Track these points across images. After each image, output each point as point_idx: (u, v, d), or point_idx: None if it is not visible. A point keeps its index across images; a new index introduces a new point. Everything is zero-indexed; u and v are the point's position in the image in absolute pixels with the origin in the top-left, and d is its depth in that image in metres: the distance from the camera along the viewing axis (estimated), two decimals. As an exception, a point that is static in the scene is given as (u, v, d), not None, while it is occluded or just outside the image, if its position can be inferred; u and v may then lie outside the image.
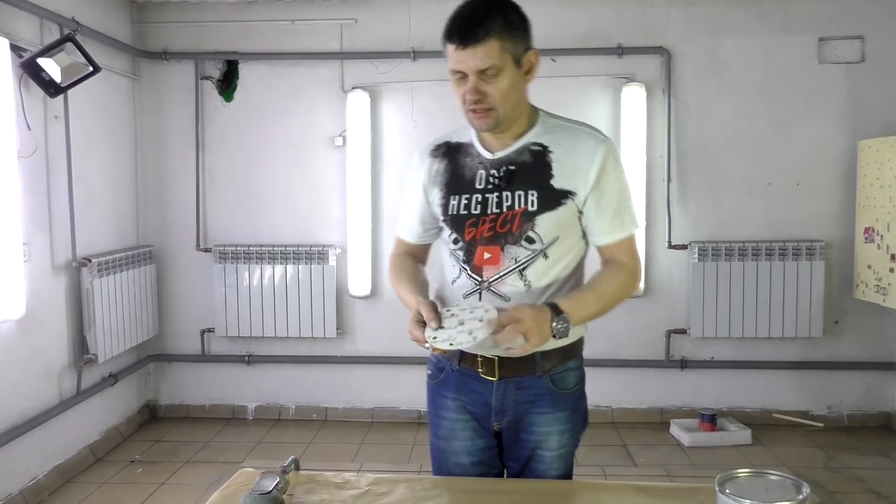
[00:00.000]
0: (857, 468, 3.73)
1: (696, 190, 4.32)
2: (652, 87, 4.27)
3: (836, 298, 4.29)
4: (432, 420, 1.84)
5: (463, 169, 1.71)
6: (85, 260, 3.75)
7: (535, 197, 1.62)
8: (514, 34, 1.57)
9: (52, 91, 3.40)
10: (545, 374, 1.69)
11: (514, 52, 1.57)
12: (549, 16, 4.25)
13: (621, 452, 3.96)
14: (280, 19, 4.35)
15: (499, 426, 1.73)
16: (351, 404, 4.52)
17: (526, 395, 1.69)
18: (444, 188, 1.73)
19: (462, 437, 1.77)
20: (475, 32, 1.53)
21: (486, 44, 1.53)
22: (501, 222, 1.64)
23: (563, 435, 1.72)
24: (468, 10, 1.56)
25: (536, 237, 1.62)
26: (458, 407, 1.76)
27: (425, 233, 1.84)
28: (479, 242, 1.65)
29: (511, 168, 1.65)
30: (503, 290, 1.64)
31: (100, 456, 3.91)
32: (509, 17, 1.56)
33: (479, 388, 1.72)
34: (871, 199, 3.97)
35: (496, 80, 1.56)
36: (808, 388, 4.37)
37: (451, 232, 1.71)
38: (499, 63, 1.55)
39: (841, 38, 4.21)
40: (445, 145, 1.78)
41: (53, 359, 3.59)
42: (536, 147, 1.66)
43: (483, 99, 1.57)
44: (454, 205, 1.69)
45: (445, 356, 1.76)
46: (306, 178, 4.45)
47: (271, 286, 4.37)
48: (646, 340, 4.40)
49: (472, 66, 1.55)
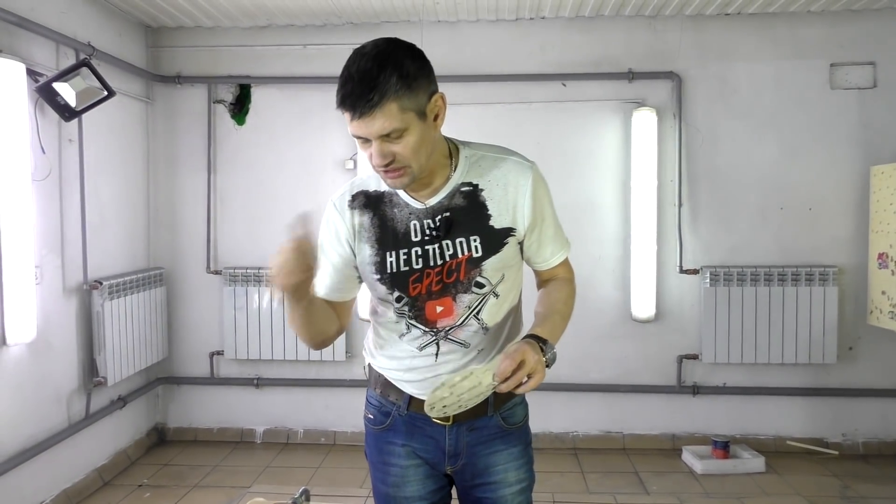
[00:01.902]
0: (874, 498, 3.66)
1: (708, 214, 4.31)
2: (663, 111, 4.27)
3: (849, 324, 4.24)
4: (377, 467, 1.77)
5: (393, 222, 1.59)
6: (96, 282, 3.75)
7: (478, 242, 1.56)
8: (411, 88, 1.40)
9: (66, 115, 3.43)
10: (496, 413, 1.67)
11: (416, 106, 1.42)
12: (560, 40, 4.28)
13: (633, 479, 3.91)
14: (292, 44, 4.40)
15: (452, 469, 1.70)
16: (360, 428, 4.47)
17: (479, 437, 1.67)
18: (375, 244, 1.61)
19: (414, 481, 1.71)
20: (369, 99, 1.37)
21: (383, 108, 1.38)
22: (447, 272, 1.57)
23: (521, 469, 1.70)
24: (357, 72, 1.39)
25: (485, 281, 1.58)
26: (409, 452, 1.71)
27: (343, 288, 1.69)
28: (428, 297, 1.58)
29: (447, 215, 1.56)
30: (461, 336, 1.61)
31: (108, 480, 3.89)
32: (404, 69, 1.39)
33: (431, 432, 1.67)
34: (884, 224, 3.94)
35: (402, 140, 1.43)
36: (822, 416, 4.31)
37: (393, 290, 1.60)
38: (400, 125, 1.40)
39: (852, 64, 4.21)
40: (363, 195, 1.64)
41: (63, 382, 3.59)
42: (467, 188, 1.57)
43: (392, 161, 1.45)
44: (392, 262, 1.58)
45: (390, 400, 1.72)
46: (317, 201, 4.43)
47: (280, 309, 4.37)
48: (657, 366, 4.36)
49: (371, 132, 1.41)
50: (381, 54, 1.40)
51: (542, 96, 4.28)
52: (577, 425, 4.36)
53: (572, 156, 4.32)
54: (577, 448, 4.30)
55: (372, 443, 1.79)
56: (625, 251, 4.32)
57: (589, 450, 4.23)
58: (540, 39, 4.31)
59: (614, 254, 4.32)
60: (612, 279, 4.36)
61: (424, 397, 1.55)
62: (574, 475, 3.95)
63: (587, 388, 4.27)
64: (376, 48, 1.42)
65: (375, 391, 1.78)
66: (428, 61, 1.48)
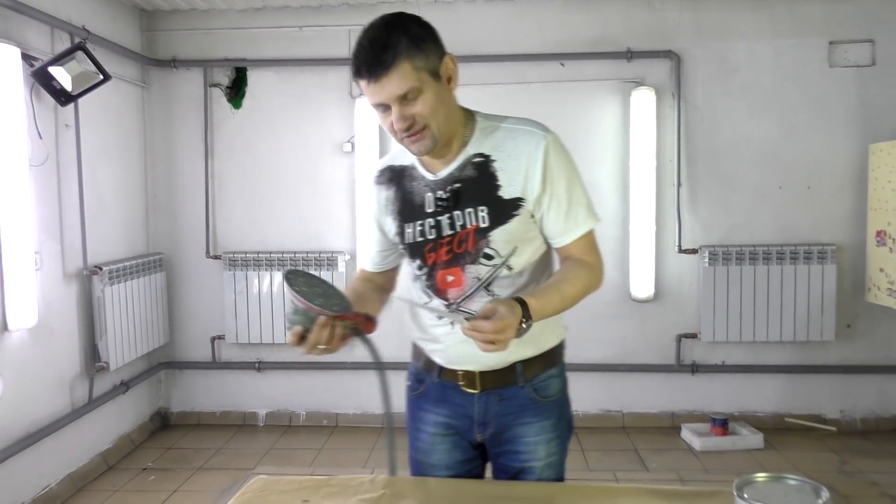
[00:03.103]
0: (872, 472, 3.70)
1: (707, 194, 4.31)
2: (662, 91, 4.26)
3: (847, 302, 4.26)
4: (410, 433, 1.80)
5: (411, 194, 1.65)
6: (96, 268, 3.76)
7: (486, 213, 1.57)
8: (422, 48, 1.46)
9: (62, 100, 3.42)
10: (527, 384, 1.67)
11: (429, 65, 1.48)
12: (558, 20, 4.26)
13: (633, 457, 3.94)
14: (288, 26, 4.37)
15: (481, 437, 1.71)
16: (361, 410, 4.52)
17: (509, 407, 1.67)
18: (396, 217, 1.68)
19: (440, 450, 1.74)
20: (382, 60, 1.43)
21: (397, 68, 1.43)
22: (457, 243, 1.59)
23: (551, 443, 1.70)
24: (368, 38, 1.46)
25: (494, 252, 1.58)
26: (438, 420, 1.73)
27: (384, 260, 1.81)
28: (440, 266, 1.61)
29: (457, 186, 1.59)
30: (473, 307, 1.60)
31: (112, 464, 3.92)
32: (412, 32, 1.46)
33: (460, 400, 1.69)
34: (882, 202, 3.95)
35: (419, 99, 1.47)
36: (820, 392, 4.34)
37: (413, 259, 1.67)
38: (416, 83, 1.45)
39: (851, 42, 4.19)
40: (389, 170, 1.72)
41: (65, 367, 3.60)
42: (478, 158, 1.59)
43: (413, 123, 1.49)
44: (410, 233, 1.65)
45: (423, 368, 1.75)
46: (315, 184, 4.46)
47: (281, 293, 4.38)
48: (656, 345, 4.38)
49: (389, 95, 1.46)
50: (389, 23, 1.48)
51: (541, 76, 4.26)
52: (577, 404, 4.30)
53: (571, 136, 4.23)
54: (578, 427, 4.24)
55: (408, 410, 1.81)
56: (624, 231, 4.32)
57: (589, 428, 4.26)
58: (538, 19, 4.29)
59: (613, 234, 4.32)
60: (611, 259, 4.36)
61: (448, 365, 1.66)
62: (574, 453, 3.96)
63: (587, 368, 4.28)
64: (383, 19, 1.49)
65: (414, 360, 1.81)
66: (432, 27, 1.53)
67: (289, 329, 1.48)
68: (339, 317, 1.47)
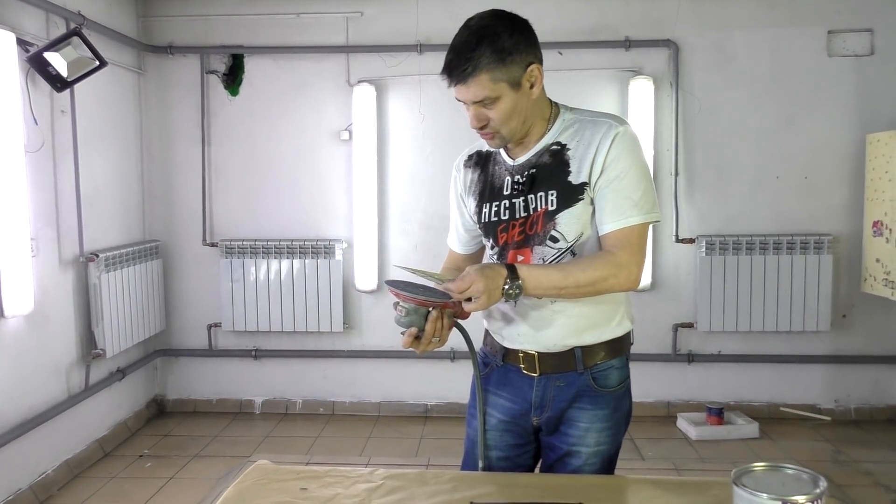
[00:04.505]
0: (866, 462, 3.72)
1: (704, 183, 4.31)
2: (660, 80, 4.25)
3: (843, 292, 4.27)
4: (469, 412, 1.86)
5: (493, 177, 1.75)
6: (92, 255, 3.75)
7: (555, 196, 1.63)
8: (504, 62, 1.54)
9: (58, 85, 3.39)
10: (586, 371, 1.69)
11: (510, 76, 1.56)
12: (556, 8, 4.24)
13: (629, 446, 3.96)
14: (285, 12, 4.34)
15: (538, 421, 1.74)
16: (358, 398, 4.53)
17: (566, 392, 1.70)
18: (477, 197, 1.77)
19: (494, 432, 1.79)
20: (463, 69, 1.53)
21: (475, 79, 1.53)
22: (529, 225, 1.66)
23: (602, 433, 1.71)
24: (457, 44, 1.56)
25: (560, 235, 1.63)
26: (495, 402, 1.79)
27: (471, 241, 1.88)
28: (511, 246, 1.69)
29: (532, 171, 1.67)
30: None
31: (108, 451, 3.92)
32: (500, 45, 1.53)
33: (520, 382, 1.74)
34: (879, 192, 3.95)
35: (495, 106, 1.57)
36: (815, 382, 4.36)
37: (488, 238, 1.75)
38: (492, 94, 1.55)
39: (850, 31, 4.18)
40: (477, 155, 1.82)
41: (62, 354, 3.60)
42: (555, 147, 1.66)
43: (486, 125, 1.61)
44: (486, 212, 1.74)
45: (489, 351, 1.81)
46: (312, 172, 4.44)
47: (278, 281, 4.37)
48: (653, 334, 4.39)
49: (466, 98, 1.58)
50: (481, 28, 1.55)
51: (539, 65, 4.24)
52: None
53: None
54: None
55: (471, 391, 1.85)
56: (621, 221, 4.31)
57: (585, 417, 4.28)
58: (536, 8, 4.24)
59: (610, 223, 4.31)
60: (608, 249, 4.36)
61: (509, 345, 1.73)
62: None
63: (583, 357, 4.29)
64: (480, 21, 1.58)
65: (483, 344, 1.86)
66: (530, 32, 1.60)
67: (402, 333, 1.58)
68: (445, 305, 1.56)
